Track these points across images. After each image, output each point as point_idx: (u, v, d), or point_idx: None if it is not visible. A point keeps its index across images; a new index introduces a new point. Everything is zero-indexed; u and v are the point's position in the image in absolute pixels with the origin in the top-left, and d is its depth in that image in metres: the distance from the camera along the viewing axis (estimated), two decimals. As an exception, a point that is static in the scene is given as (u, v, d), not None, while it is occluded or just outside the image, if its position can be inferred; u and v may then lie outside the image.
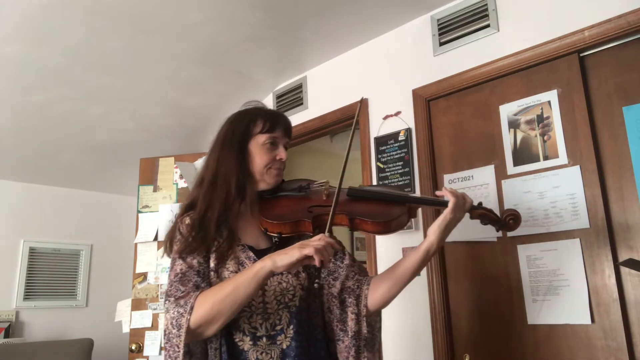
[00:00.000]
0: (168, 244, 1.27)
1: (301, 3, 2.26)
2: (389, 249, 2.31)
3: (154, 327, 2.74)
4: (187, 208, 1.29)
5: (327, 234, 1.11)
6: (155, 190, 2.97)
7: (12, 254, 3.54)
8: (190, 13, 2.25)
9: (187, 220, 1.24)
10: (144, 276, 2.82)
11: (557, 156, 1.88)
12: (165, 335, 1.13)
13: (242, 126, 1.30)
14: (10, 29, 2.22)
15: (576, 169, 1.82)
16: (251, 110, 1.35)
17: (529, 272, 1.87)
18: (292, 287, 1.23)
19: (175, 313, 1.09)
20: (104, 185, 3.97)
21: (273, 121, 1.30)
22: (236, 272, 1.18)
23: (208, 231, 1.19)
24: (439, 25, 2.31)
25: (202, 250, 1.19)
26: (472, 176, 2.11)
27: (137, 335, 2.75)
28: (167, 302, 1.14)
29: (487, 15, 2.14)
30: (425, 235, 1.27)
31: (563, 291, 1.78)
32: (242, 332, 1.17)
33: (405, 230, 2.23)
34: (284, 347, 1.17)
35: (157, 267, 2.81)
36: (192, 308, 1.08)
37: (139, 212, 2.94)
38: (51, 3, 2.07)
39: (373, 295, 1.25)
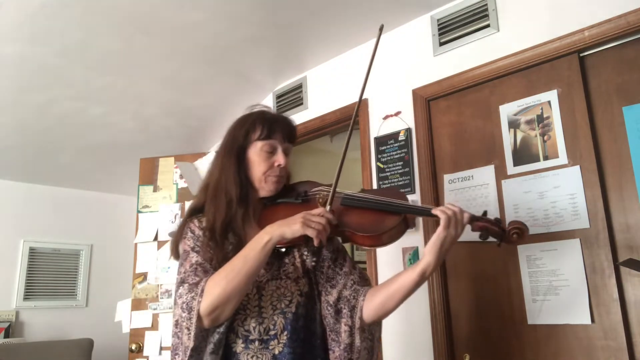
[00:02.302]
0: (174, 247, 1.27)
1: (301, 3, 2.25)
2: (389, 249, 2.31)
3: (154, 327, 2.74)
4: (194, 211, 1.31)
5: (328, 207, 1.15)
6: (155, 190, 2.97)
7: (12, 254, 3.54)
8: (190, 13, 2.25)
9: (196, 222, 1.25)
10: (144, 276, 2.82)
11: (557, 156, 1.88)
12: (176, 323, 1.14)
13: (241, 133, 1.30)
14: (10, 29, 2.22)
15: (576, 169, 1.82)
16: (252, 115, 1.34)
17: (529, 272, 1.87)
18: (289, 293, 1.23)
19: (188, 297, 1.09)
20: (104, 185, 3.97)
21: (271, 127, 1.29)
22: None
23: (217, 240, 1.21)
24: (439, 25, 2.31)
25: (216, 257, 1.19)
26: (472, 176, 2.11)
27: (137, 335, 2.75)
28: (179, 288, 1.14)
29: (487, 15, 2.14)
30: (424, 235, 1.26)
31: (563, 291, 1.78)
32: (235, 334, 1.17)
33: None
34: (276, 352, 1.17)
35: (157, 267, 2.81)
36: (202, 290, 1.08)
37: (139, 212, 2.94)
38: (51, 3, 2.07)
39: (368, 308, 1.22)
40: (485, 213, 1.25)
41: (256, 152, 1.28)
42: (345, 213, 1.24)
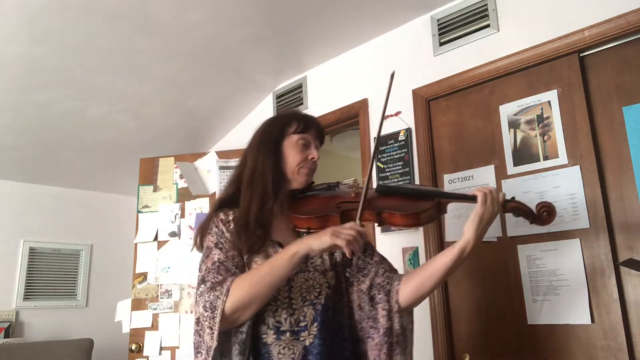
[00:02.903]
0: (199, 238, 1.29)
1: (301, 3, 2.26)
2: (389, 249, 2.30)
3: (154, 327, 2.74)
4: (222, 204, 1.33)
5: (357, 221, 1.13)
6: (155, 190, 2.97)
7: (12, 254, 3.54)
8: (190, 13, 2.26)
9: (222, 216, 1.27)
10: (144, 276, 2.82)
11: (557, 156, 1.88)
12: (197, 321, 1.15)
13: (277, 127, 1.35)
14: (10, 29, 2.22)
15: (576, 169, 1.82)
16: (286, 112, 1.42)
17: (529, 272, 1.87)
18: (318, 285, 1.24)
19: (211, 296, 1.10)
20: (104, 185, 3.97)
21: (306, 123, 1.35)
22: None
23: (249, 228, 1.22)
24: (439, 25, 2.31)
25: (244, 247, 1.21)
26: (472, 176, 2.11)
27: (137, 335, 2.75)
28: (201, 286, 1.15)
29: (487, 15, 2.14)
30: (424, 234, 1.27)
31: (563, 291, 1.78)
32: (266, 325, 1.18)
33: (405, 230, 2.23)
34: (307, 343, 1.18)
35: (157, 267, 2.81)
36: (228, 291, 1.10)
37: (139, 212, 2.94)
38: (51, 3, 2.07)
39: (404, 291, 1.24)
40: (513, 198, 1.30)
41: (291, 145, 1.32)
42: (381, 198, 1.29)
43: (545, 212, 1.27)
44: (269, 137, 1.33)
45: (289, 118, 1.36)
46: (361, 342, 1.26)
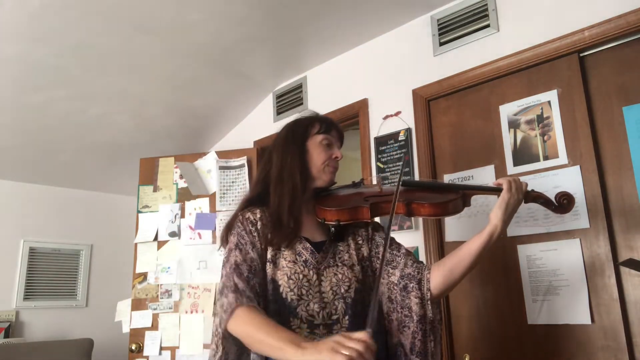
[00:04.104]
0: (225, 236, 1.32)
1: (301, 3, 2.26)
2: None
3: (154, 327, 2.74)
4: (248, 203, 1.36)
5: (368, 330, 0.94)
6: (155, 190, 2.96)
7: (12, 254, 3.53)
8: (190, 13, 2.26)
9: (248, 214, 1.30)
10: (144, 276, 2.82)
11: (557, 156, 1.88)
12: (216, 323, 1.21)
13: (301, 128, 1.40)
14: (11, 29, 2.21)
15: (576, 169, 1.82)
16: (308, 115, 1.46)
17: (529, 272, 1.87)
18: (347, 279, 1.27)
19: (219, 308, 1.17)
20: (104, 185, 3.96)
21: (328, 124, 1.41)
22: (293, 262, 1.25)
23: (283, 222, 1.26)
24: (439, 25, 2.31)
25: (278, 241, 1.25)
26: (472, 176, 2.11)
27: (137, 335, 2.74)
28: (222, 297, 1.19)
29: (487, 15, 2.14)
30: (424, 234, 1.27)
31: (563, 291, 1.78)
32: (299, 319, 1.20)
33: (405, 229, 2.23)
34: None
35: (157, 267, 2.81)
36: (231, 314, 1.14)
37: (139, 212, 2.94)
38: (51, 3, 2.07)
39: (435, 279, 1.27)
40: (533, 190, 1.35)
41: (316, 144, 1.37)
42: (408, 191, 1.34)
43: (565, 200, 1.32)
44: (294, 136, 1.38)
45: (311, 120, 1.42)
46: (389, 335, 1.29)
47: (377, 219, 1.61)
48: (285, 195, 1.29)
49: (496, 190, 1.29)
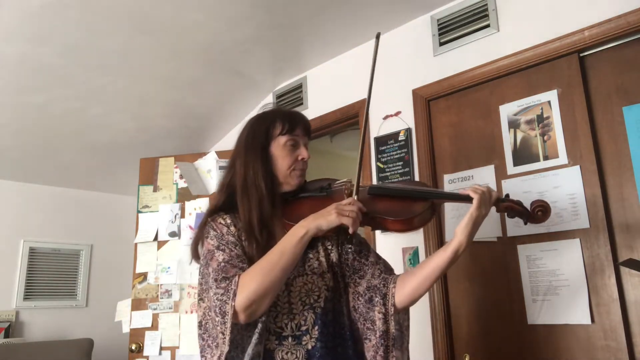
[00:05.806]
0: (195, 248, 1.26)
1: (301, 3, 2.26)
2: (389, 250, 2.31)
3: (154, 327, 2.74)
4: (213, 211, 1.29)
5: (354, 197, 1.17)
6: (155, 190, 2.97)
7: (12, 254, 3.53)
8: (190, 13, 2.25)
9: (220, 220, 1.23)
10: (144, 276, 2.82)
11: (557, 156, 1.88)
12: (199, 325, 1.15)
13: (261, 129, 1.30)
14: (10, 29, 2.21)
15: (576, 169, 1.82)
16: (269, 112, 1.36)
17: (529, 272, 1.87)
18: (317, 288, 1.23)
19: (220, 301, 1.08)
20: (104, 185, 3.96)
21: (292, 121, 1.31)
22: None
23: (255, 234, 1.20)
24: (439, 25, 2.31)
25: (255, 254, 1.18)
26: (472, 176, 2.11)
27: (137, 335, 2.75)
28: (210, 290, 1.12)
29: (487, 15, 2.14)
30: (424, 235, 1.27)
31: (563, 291, 1.78)
32: (268, 331, 1.17)
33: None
34: (309, 347, 1.18)
35: (157, 267, 2.81)
36: (235, 290, 1.07)
37: (139, 212, 2.94)
38: (51, 3, 2.07)
39: (400, 294, 1.24)
40: (507, 195, 1.29)
41: (280, 147, 1.29)
42: (374, 201, 1.26)
43: (539, 212, 1.27)
44: (255, 141, 1.29)
45: (273, 119, 1.31)
46: (359, 342, 1.26)
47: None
48: (254, 209, 1.22)
49: (466, 199, 1.22)
